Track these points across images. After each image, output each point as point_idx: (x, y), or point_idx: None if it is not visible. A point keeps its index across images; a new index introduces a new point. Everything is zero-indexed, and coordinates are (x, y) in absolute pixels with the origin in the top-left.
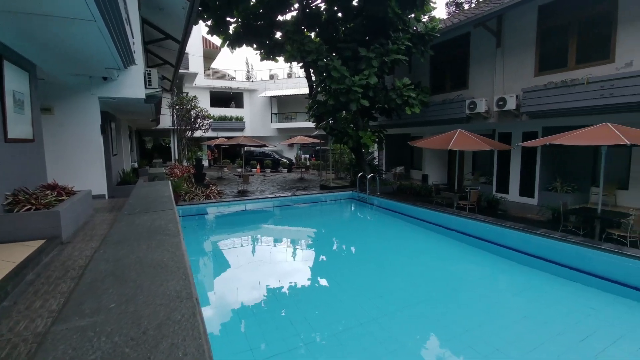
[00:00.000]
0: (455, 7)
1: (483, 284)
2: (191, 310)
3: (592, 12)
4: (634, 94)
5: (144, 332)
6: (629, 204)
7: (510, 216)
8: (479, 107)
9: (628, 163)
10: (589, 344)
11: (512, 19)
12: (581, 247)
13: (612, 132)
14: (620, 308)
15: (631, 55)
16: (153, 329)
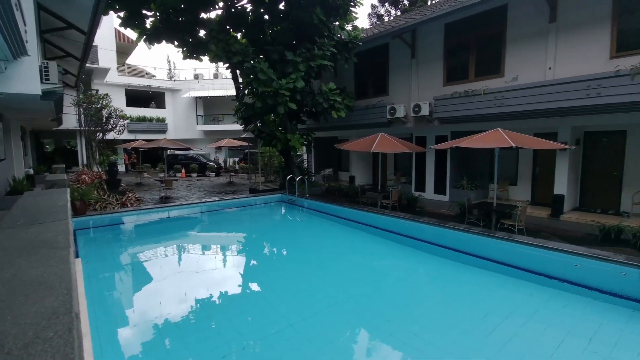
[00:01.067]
0: (376, 19)
1: (404, 276)
2: (67, 326)
3: (486, 33)
4: (518, 104)
5: (7, 353)
6: (518, 197)
7: (426, 212)
8: (398, 113)
9: (516, 163)
10: (488, 320)
11: (423, 34)
12: (481, 236)
13: (502, 136)
14: (511, 287)
15: (517, 71)
16: (18, 349)
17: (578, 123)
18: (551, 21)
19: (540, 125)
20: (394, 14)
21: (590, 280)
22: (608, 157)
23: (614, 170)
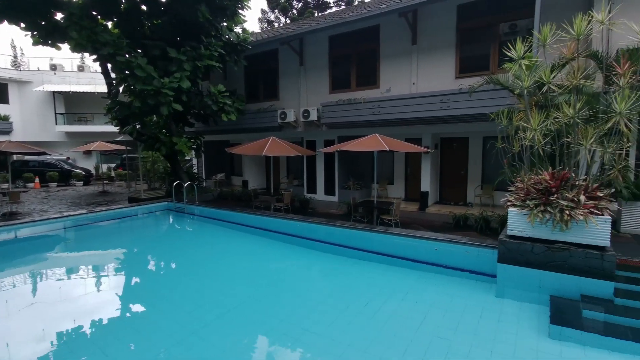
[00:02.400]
0: (267, 24)
1: (297, 275)
2: None
3: (364, 48)
4: (391, 113)
5: None
6: (394, 194)
7: (318, 213)
8: (289, 117)
9: (393, 164)
10: (372, 305)
11: (310, 43)
12: (364, 231)
13: (379, 141)
14: (390, 274)
15: (390, 84)
16: None
17: (436, 130)
18: (413, 43)
19: (409, 131)
20: (283, 21)
21: (446, 260)
22: (457, 159)
23: (461, 169)
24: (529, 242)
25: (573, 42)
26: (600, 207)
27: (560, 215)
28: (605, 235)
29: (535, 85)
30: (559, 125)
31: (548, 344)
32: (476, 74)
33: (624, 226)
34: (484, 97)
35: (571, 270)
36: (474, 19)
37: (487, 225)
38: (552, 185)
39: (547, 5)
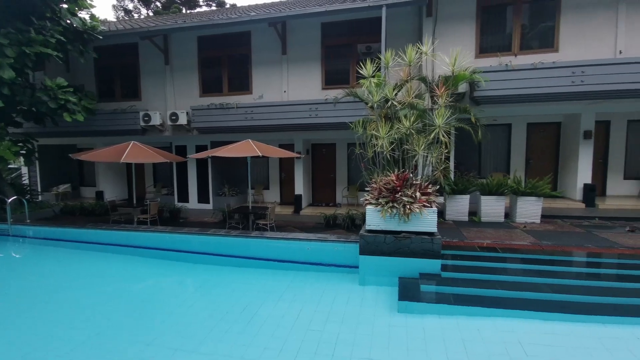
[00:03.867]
0: (124, 13)
1: (168, 292)
2: None
3: (236, 53)
4: (264, 119)
5: None
6: (270, 199)
7: (191, 222)
8: (154, 120)
9: (268, 169)
10: (248, 310)
11: (177, 42)
12: (240, 237)
13: (252, 147)
14: (265, 277)
15: (262, 90)
16: None
17: (307, 137)
18: (283, 53)
19: (283, 137)
20: (145, 13)
21: (318, 258)
22: (327, 163)
23: (330, 172)
24: (382, 234)
25: (406, 68)
26: (430, 201)
27: (403, 209)
28: (433, 223)
29: (383, 100)
30: (401, 135)
31: (398, 317)
32: (339, 87)
33: (448, 215)
34: (346, 107)
35: (412, 254)
36: (336, 37)
37: (353, 222)
38: (397, 184)
39: (391, 34)
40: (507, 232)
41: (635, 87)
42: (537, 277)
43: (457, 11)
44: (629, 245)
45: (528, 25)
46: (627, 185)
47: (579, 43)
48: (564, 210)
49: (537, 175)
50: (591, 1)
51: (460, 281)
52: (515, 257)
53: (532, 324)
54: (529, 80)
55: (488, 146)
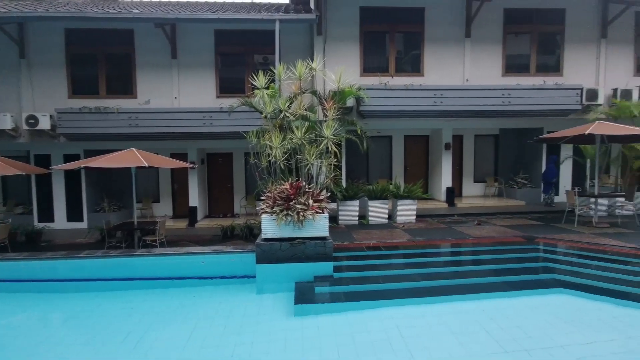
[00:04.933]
0: None
1: (25, 331)
2: None
3: (116, 51)
4: (152, 126)
5: None
6: (161, 212)
7: (57, 245)
8: (4, 124)
9: (157, 181)
10: (132, 337)
11: (38, 32)
12: (121, 257)
13: (136, 156)
14: (153, 298)
15: (149, 95)
16: None
17: (201, 146)
18: (173, 57)
19: (174, 146)
20: None
21: (214, 271)
22: (224, 173)
23: (228, 182)
24: (278, 241)
25: (297, 82)
26: (322, 207)
27: (297, 216)
28: (325, 228)
29: (277, 110)
30: (294, 145)
31: (294, 321)
32: (235, 96)
33: (340, 220)
34: (242, 117)
35: (307, 258)
36: (231, 46)
37: (251, 232)
38: (291, 193)
39: (287, 47)
40: (389, 232)
41: (477, 108)
42: (412, 269)
43: (344, 33)
44: (476, 235)
45: (401, 52)
46: (477, 187)
47: (439, 70)
48: (433, 210)
49: (413, 181)
50: (446, 37)
51: (350, 279)
52: (395, 253)
53: (407, 309)
54: (403, 99)
55: (374, 155)
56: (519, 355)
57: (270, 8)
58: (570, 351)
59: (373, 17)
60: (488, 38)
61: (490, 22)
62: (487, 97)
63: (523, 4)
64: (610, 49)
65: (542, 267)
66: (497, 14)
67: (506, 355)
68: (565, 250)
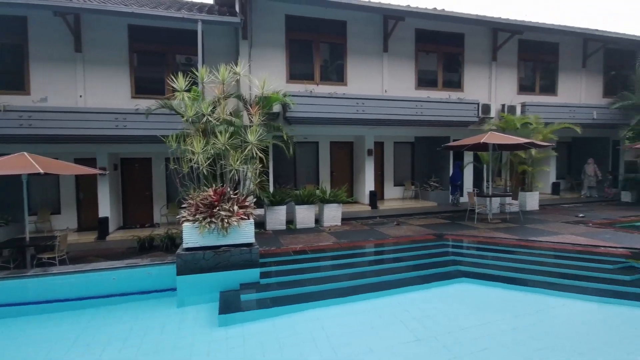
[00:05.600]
0: None
1: None
2: None
3: (5, 39)
4: (50, 127)
5: None
6: (63, 226)
7: None
8: None
9: (58, 190)
10: None
11: None
12: (8, 280)
13: (29, 161)
14: (50, 324)
15: (46, 92)
16: None
17: (114, 150)
18: (77, 51)
19: (80, 150)
20: None
21: (128, 287)
22: (141, 180)
23: (146, 190)
24: (201, 250)
25: (221, 85)
26: (247, 213)
27: (221, 223)
28: (251, 234)
29: (201, 114)
30: (217, 150)
31: (218, 332)
32: (154, 97)
33: (268, 225)
34: (161, 120)
35: (233, 266)
36: (149, 43)
37: (173, 242)
38: (215, 199)
39: (212, 50)
40: (316, 236)
41: (395, 117)
42: (337, 270)
43: (270, 39)
44: (395, 235)
45: (327, 61)
46: (396, 190)
47: (361, 81)
48: (357, 213)
49: (339, 185)
50: (366, 50)
51: (277, 285)
52: (322, 256)
53: (332, 309)
54: (328, 107)
55: (302, 161)
56: (428, 340)
57: (192, 7)
58: (469, 332)
59: (299, 26)
60: (403, 54)
61: (404, 40)
62: (403, 107)
63: (432, 26)
64: (499, 71)
65: (448, 261)
66: (410, 33)
67: (418, 342)
68: (467, 244)
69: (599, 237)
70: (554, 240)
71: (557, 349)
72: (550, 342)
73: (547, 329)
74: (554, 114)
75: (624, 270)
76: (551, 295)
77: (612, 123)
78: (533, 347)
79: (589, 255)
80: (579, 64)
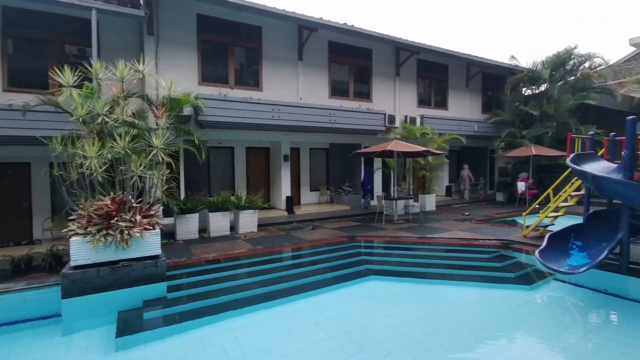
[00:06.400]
0: None
1: None
2: None
3: None
4: None
5: None
6: None
7: None
8: None
9: None
10: None
11: None
12: None
13: None
14: None
15: None
16: None
17: None
18: None
19: None
20: None
21: None
22: (16, 188)
23: (23, 201)
24: (95, 267)
25: (120, 83)
26: (152, 223)
27: (121, 236)
28: (157, 246)
29: (94, 114)
30: (116, 154)
31: (116, 357)
32: (34, 91)
33: (178, 235)
34: (44, 118)
35: (134, 282)
36: (28, 28)
37: (59, 261)
38: (112, 209)
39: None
40: (231, 243)
41: (310, 124)
42: (252, 277)
43: (180, 37)
44: (310, 239)
45: (241, 65)
46: (313, 195)
47: (277, 87)
48: (274, 218)
49: (255, 191)
50: (282, 57)
51: (187, 298)
52: (236, 264)
53: (247, 318)
54: (243, 111)
55: (216, 166)
56: (340, 337)
57: None
58: (377, 325)
59: (212, 27)
60: (317, 63)
61: (318, 51)
62: (318, 114)
63: (343, 40)
64: (402, 85)
65: (359, 261)
66: (323, 44)
67: (330, 340)
68: (375, 244)
69: (479, 232)
70: (446, 236)
71: (445, 331)
72: (441, 325)
73: (439, 315)
74: (446, 126)
75: (497, 258)
76: (444, 284)
77: (488, 135)
78: (426, 332)
79: (472, 247)
80: (464, 84)
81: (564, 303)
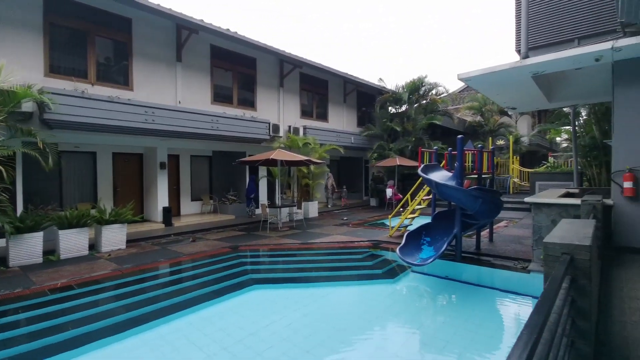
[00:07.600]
0: None
1: None
2: None
3: None
4: None
5: None
6: None
7: None
8: None
9: None
10: None
11: None
12: None
13: None
14: None
15: None
16: None
17: None
18: None
19: None
20: None
21: None
22: None
23: None
24: None
25: None
26: None
27: None
28: None
29: None
30: None
31: None
32: None
33: (12, 260)
34: None
35: None
36: None
37: None
38: None
39: None
40: (89, 265)
41: (190, 130)
42: (116, 302)
43: (16, 16)
44: (189, 252)
45: (105, 59)
46: (194, 205)
47: (151, 87)
48: (149, 232)
49: (125, 202)
50: (157, 56)
51: (21, 338)
52: (94, 289)
53: (107, 350)
54: (107, 112)
55: (72, 175)
56: (219, 354)
57: None
58: (258, 335)
59: (65, 9)
60: (198, 67)
61: (200, 53)
62: (199, 120)
63: (227, 45)
64: (286, 96)
65: (242, 271)
66: (205, 48)
67: (207, 358)
68: (259, 253)
69: (355, 234)
70: (326, 241)
71: (325, 330)
72: (321, 325)
73: (320, 316)
74: (326, 137)
75: (369, 257)
76: (325, 286)
77: (363, 147)
78: (306, 334)
79: (348, 249)
80: (342, 99)
81: (418, 291)
